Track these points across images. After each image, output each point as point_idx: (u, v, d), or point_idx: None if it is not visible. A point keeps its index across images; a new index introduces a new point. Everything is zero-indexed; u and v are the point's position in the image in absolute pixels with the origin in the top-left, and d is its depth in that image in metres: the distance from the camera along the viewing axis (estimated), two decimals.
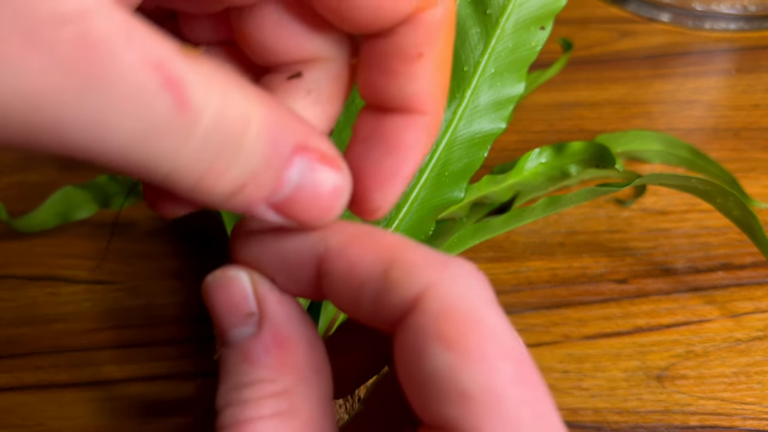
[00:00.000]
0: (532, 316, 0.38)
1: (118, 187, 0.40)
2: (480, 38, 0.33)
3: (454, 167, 0.34)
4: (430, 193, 0.34)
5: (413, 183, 0.33)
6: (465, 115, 0.33)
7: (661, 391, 0.34)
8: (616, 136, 0.45)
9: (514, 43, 0.33)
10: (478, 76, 0.33)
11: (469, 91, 0.33)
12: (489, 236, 0.35)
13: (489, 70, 0.33)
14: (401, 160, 0.18)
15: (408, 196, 0.34)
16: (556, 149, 0.37)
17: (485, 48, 0.33)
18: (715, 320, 0.37)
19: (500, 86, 0.33)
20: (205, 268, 0.41)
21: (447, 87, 0.19)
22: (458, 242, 0.34)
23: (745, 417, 0.34)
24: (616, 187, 0.33)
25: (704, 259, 0.40)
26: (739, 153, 0.46)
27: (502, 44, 0.33)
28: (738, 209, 0.34)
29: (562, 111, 0.50)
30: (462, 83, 0.33)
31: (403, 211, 0.34)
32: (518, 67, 0.33)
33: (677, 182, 0.34)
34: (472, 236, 0.35)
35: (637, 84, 0.52)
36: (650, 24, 0.58)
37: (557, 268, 0.40)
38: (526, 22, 0.33)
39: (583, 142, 0.36)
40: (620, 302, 0.38)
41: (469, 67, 0.33)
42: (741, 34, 0.56)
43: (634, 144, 0.45)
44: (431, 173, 0.34)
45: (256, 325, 0.17)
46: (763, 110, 0.50)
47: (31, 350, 0.37)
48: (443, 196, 0.34)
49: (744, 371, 0.35)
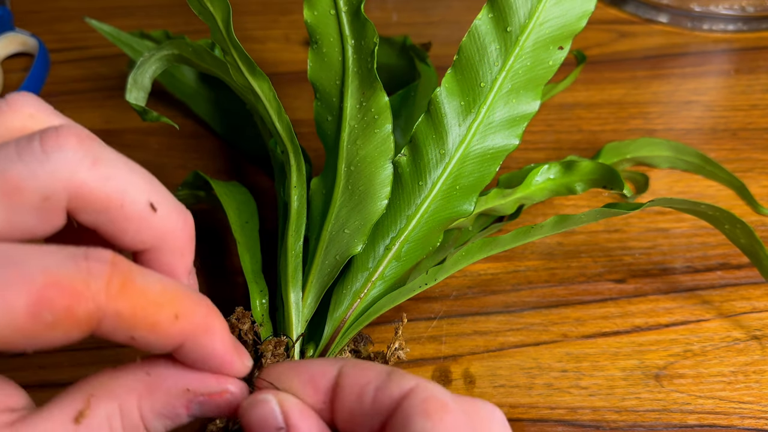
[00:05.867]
0: (530, 315, 0.38)
1: None
2: (499, 55, 0.33)
3: (465, 181, 0.34)
4: (440, 206, 0.34)
5: (424, 196, 0.34)
6: (479, 130, 0.33)
7: (659, 390, 0.35)
8: (626, 143, 0.45)
9: (532, 61, 0.33)
10: (494, 93, 0.33)
11: (485, 107, 0.33)
12: (496, 251, 0.35)
13: (505, 87, 0.33)
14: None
15: (418, 208, 0.34)
16: (565, 167, 0.37)
17: (503, 65, 0.33)
18: (713, 320, 0.38)
19: (515, 103, 0.33)
20: (205, 268, 0.41)
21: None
22: (466, 255, 0.35)
23: (743, 416, 0.34)
24: (625, 210, 0.33)
25: (702, 259, 0.40)
26: (738, 153, 0.47)
27: (520, 62, 0.33)
28: (745, 237, 0.34)
29: (560, 111, 0.50)
30: (478, 99, 0.33)
31: (413, 222, 0.34)
32: (534, 85, 0.33)
33: (686, 207, 0.35)
34: (480, 251, 0.35)
35: (636, 84, 0.52)
36: (648, 25, 0.58)
37: (556, 268, 0.40)
38: (545, 41, 0.33)
39: (593, 162, 0.36)
40: (618, 302, 0.38)
41: (486, 84, 0.33)
42: (739, 35, 0.57)
43: (644, 150, 0.45)
44: (443, 186, 0.34)
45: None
46: (761, 110, 0.50)
47: None
48: (453, 209, 0.34)
49: (742, 370, 0.35)
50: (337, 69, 0.33)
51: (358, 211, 0.33)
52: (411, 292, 0.33)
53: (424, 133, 0.33)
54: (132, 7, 0.50)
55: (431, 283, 0.34)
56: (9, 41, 0.55)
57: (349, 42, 0.33)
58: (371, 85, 0.33)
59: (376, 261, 0.33)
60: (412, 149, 0.33)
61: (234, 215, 0.36)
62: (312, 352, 0.33)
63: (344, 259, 0.33)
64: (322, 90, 0.34)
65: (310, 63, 0.34)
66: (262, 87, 0.34)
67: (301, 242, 0.34)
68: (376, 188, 0.33)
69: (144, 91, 0.38)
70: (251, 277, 0.34)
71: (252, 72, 0.33)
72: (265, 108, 0.34)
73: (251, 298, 0.33)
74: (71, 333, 0.19)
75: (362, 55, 0.32)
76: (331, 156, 0.34)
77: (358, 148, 0.33)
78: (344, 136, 0.34)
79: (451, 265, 0.34)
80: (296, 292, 0.33)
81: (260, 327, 0.32)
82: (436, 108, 0.33)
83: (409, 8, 0.60)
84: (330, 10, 0.32)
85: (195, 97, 0.49)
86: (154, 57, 0.38)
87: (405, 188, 0.34)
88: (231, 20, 0.32)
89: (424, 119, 0.33)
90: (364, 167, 0.33)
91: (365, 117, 0.33)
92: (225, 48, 0.33)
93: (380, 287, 0.34)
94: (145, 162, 0.47)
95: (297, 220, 0.34)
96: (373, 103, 0.33)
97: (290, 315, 0.32)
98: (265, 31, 0.58)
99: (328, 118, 0.34)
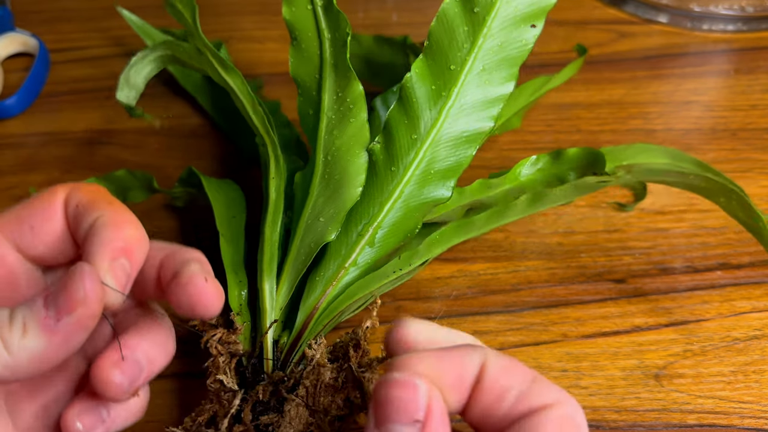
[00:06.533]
0: (530, 315, 0.38)
1: (136, 182, 0.41)
2: (467, 36, 0.33)
3: (440, 165, 0.34)
4: (415, 191, 0.34)
5: (397, 181, 0.34)
6: (451, 114, 0.33)
7: (659, 390, 0.35)
8: (621, 148, 0.44)
9: (502, 40, 0.33)
10: (464, 75, 0.33)
11: (456, 89, 0.33)
12: (472, 234, 0.35)
13: (476, 69, 0.33)
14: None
15: (391, 194, 0.34)
16: (554, 156, 0.36)
17: (472, 46, 0.33)
18: (713, 319, 0.38)
19: (488, 85, 0.33)
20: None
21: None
22: (440, 239, 0.34)
23: (743, 416, 0.34)
24: (603, 184, 0.33)
25: (702, 259, 0.40)
26: (737, 153, 0.47)
27: (490, 42, 0.33)
28: (742, 209, 0.34)
29: (559, 111, 0.50)
30: (449, 82, 0.33)
31: (386, 208, 0.34)
32: (508, 65, 0.33)
33: (676, 179, 0.34)
34: (455, 234, 0.35)
35: (635, 85, 0.52)
36: (648, 25, 0.58)
37: (556, 268, 0.40)
38: (514, 19, 0.33)
39: (578, 148, 0.36)
40: (618, 302, 0.38)
41: (456, 66, 0.33)
42: (739, 35, 0.57)
43: (640, 157, 0.44)
44: (416, 171, 0.34)
45: (417, 431, 0.21)
46: (760, 111, 0.50)
47: None
48: (429, 194, 0.34)
49: (741, 370, 0.35)
50: (315, 63, 0.34)
51: (334, 200, 0.33)
52: (384, 278, 0.33)
53: (396, 119, 0.33)
54: (132, 7, 0.50)
55: (406, 268, 0.34)
56: (9, 41, 0.55)
57: (325, 35, 0.33)
58: (346, 75, 0.33)
59: (349, 247, 0.34)
60: (386, 136, 0.34)
61: (221, 209, 0.37)
62: (286, 338, 0.33)
63: (318, 247, 0.33)
64: (303, 85, 0.35)
65: (291, 59, 0.34)
66: (235, 81, 0.34)
67: (278, 232, 0.34)
68: (350, 176, 0.33)
69: (135, 90, 0.39)
70: (231, 268, 0.34)
71: (224, 68, 0.34)
72: (241, 102, 0.34)
73: (229, 289, 0.34)
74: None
75: (337, 47, 0.33)
76: (312, 148, 0.35)
77: (335, 138, 0.34)
78: (322, 126, 0.34)
79: (425, 249, 0.34)
80: (271, 280, 0.33)
81: (236, 316, 0.33)
82: (407, 94, 0.33)
83: (409, 8, 0.60)
84: (307, 6, 0.33)
85: (202, 91, 0.50)
86: (147, 57, 0.38)
87: (378, 175, 0.34)
88: (197, 18, 0.32)
89: (396, 106, 0.33)
90: (340, 156, 0.34)
91: (341, 107, 0.33)
92: (198, 46, 0.34)
93: (354, 274, 0.34)
94: (145, 162, 0.47)
95: (274, 211, 0.34)
96: (349, 93, 0.33)
97: (264, 302, 0.33)
98: (264, 31, 0.58)
99: (309, 112, 0.35)
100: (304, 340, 0.33)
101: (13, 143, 0.49)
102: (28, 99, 0.51)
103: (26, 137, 0.49)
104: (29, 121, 0.50)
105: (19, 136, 0.49)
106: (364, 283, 0.33)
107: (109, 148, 0.48)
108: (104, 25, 0.57)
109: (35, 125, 0.50)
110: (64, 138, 0.49)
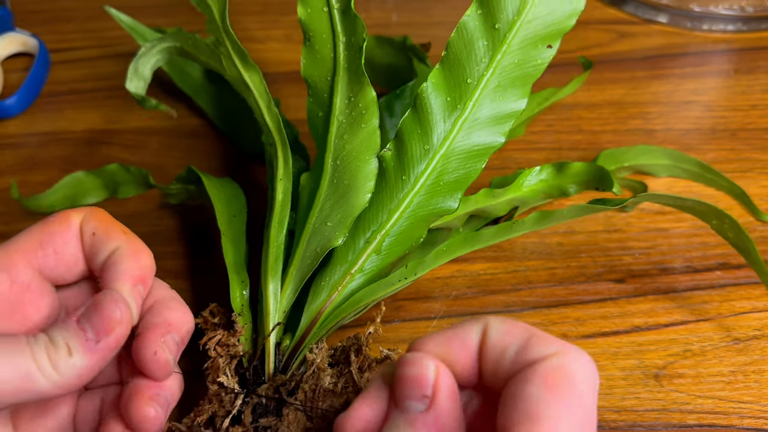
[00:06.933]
0: (530, 315, 0.38)
1: (129, 177, 0.41)
2: (486, 51, 0.33)
3: (449, 177, 0.34)
4: (423, 201, 0.34)
5: (407, 190, 0.34)
6: (465, 126, 0.33)
7: (658, 390, 0.35)
8: (623, 150, 0.45)
9: (519, 58, 0.33)
10: (481, 90, 0.33)
11: (471, 103, 0.33)
12: (478, 246, 0.35)
13: (492, 84, 0.33)
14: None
15: (401, 203, 0.34)
16: (557, 168, 0.36)
17: (491, 62, 0.33)
18: (713, 319, 0.38)
19: (502, 100, 0.33)
20: (205, 268, 0.41)
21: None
22: (447, 250, 0.35)
23: (743, 416, 0.34)
24: (609, 206, 0.33)
25: (701, 259, 0.40)
26: (737, 153, 0.47)
27: (507, 59, 0.33)
28: (733, 231, 0.35)
29: (560, 112, 0.50)
30: (464, 95, 0.33)
31: (394, 216, 0.34)
32: (522, 83, 0.33)
33: (672, 202, 0.35)
34: (462, 245, 0.35)
35: (635, 85, 0.52)
36: (648, 25, 0.58)
37: (555, 268, 0.40)
38: (534, 39, 0.33)
39: (584, 163, 0.36)
40: (618, 302, 0.38)
41: (472, 80, 0.33)
42: (739, 35, 0.57)
43: (642, 158, 0.45)
44: (426, 181, 0.34)
45: (425, 406, 0.23)
46: (760, 111, 0.50)
47: None
48: (437, 205, 0.34)
49: (741, 370, 0.35)
50: (328, 65, 0.34)
51: (342, 205, 0.33)
52: (390, 286, 0.33)
53: (410, 128, 0.33)
54: (131, 7, 0.50)
55: (411, 278, 0.34)
56: (9, 41, 0.55)
57: (340, 38, 0.33)
58: (359, 80, 0.33)
59: (356, 254, 0.34)
60: (397, 144, 0.34)
61: (222, 208, 0.37)
62: (288, 342, 0.33)
63: (324, 251, 0.33)
64: (314, 86, 0.34)
65: (304, 60, 0.34)
66: (253, 78, 0.34)
67: (284, 234, 0.34)
68: (360, 182, 0.33)
69: (144, 81, 0.39)
70: (233, 268, 0.34)
71: (244, 63, 0.33)
72: (255, 100, 0.34)
73: (231, 289, 0.34)
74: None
75: (352, 51, 0.33)
76: (321, 151, 0.35)
77: (345, 143, 0.33)
78: (332, 130, 0.34)
79: (432, 260, 0.34)
80: (275, 282, 0.33)
81: (238, 317, 0.32)
82: (422, 103, 0.33)
83: (409, 8, 0.60)
84: (323, 8, 0.33)
85: (200, 92, 0.49)
86: (155, 48, 0.38)
87: (388, 182, 0.34)
88: (227, 10, 0.32)
89: (410, 114, 0.33)
90: (350, 161, 0.33)
91: (353, 112, 0.33)
92: (219, 38, 0.34)
93: (359, 280, 0.34)
94: (145, 162, 0.47)
95: (281, 212, 0.34)
96: (361, 98, 0.33)
97: (268, 305, 0.33)
98: (267, 31, 0.58)
99: (319, 114, 0.35)
100: (306, 344, 0.33)
101: (13, 143, 0.49)
102: (28, 99, 0.51)
103: (26, 137, 0.49)
104: (29, 121, 0.50)
105: (19, 136, 0.49)
106: (370, 290, 0.33)
107: (109, 148, 0.48)
108: (104, 25, 0.57)
109: (35, 125, 0.50)
110: (64, 138, 0.49)
